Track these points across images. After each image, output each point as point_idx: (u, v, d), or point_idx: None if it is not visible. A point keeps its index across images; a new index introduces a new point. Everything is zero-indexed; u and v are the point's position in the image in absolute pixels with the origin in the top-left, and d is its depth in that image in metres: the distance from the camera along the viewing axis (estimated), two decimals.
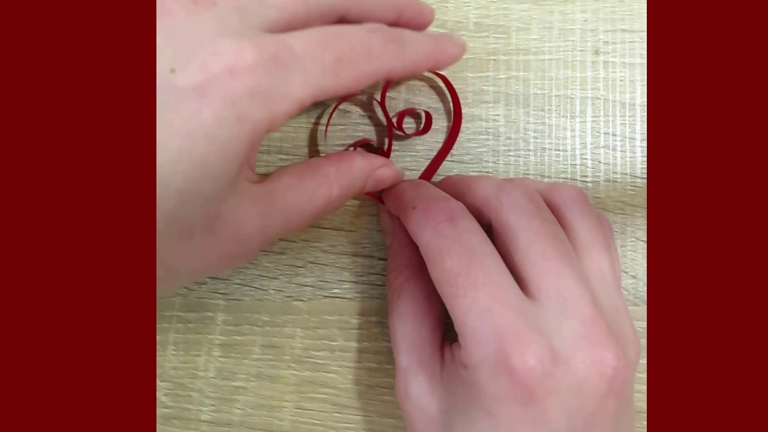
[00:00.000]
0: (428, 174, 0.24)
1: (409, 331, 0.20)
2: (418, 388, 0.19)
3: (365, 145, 0.25)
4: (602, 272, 0.20)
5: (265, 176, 0.19)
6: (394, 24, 0.20)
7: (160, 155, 0.15)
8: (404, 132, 0.24)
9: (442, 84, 0.25)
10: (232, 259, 0.18)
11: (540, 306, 0.18)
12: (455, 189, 0.21)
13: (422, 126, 0.25)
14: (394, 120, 0.24)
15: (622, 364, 0.18)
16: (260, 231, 0.18)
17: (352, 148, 0.24)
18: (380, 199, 0.24)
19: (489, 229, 0.20)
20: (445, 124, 0.25)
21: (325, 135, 0.24)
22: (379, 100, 0.24)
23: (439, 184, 0.23)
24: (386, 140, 0.24)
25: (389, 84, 0.24)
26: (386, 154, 0.24)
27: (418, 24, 0.21)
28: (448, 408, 0.19)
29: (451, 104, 0.25)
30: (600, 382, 0.17)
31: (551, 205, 0.21)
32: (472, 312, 0.17)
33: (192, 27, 0.16)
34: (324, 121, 0.25)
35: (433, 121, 0.25)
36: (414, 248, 0.21)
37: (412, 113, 0.25)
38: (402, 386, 0.20)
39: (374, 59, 0.18)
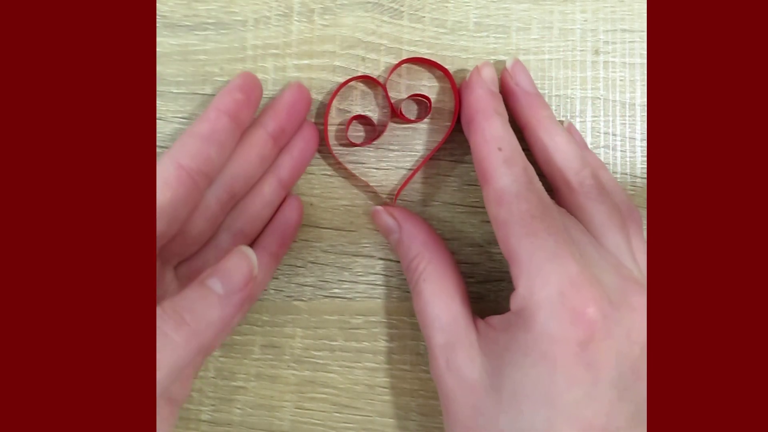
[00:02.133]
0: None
1: (440, 309, 0.21)
2: (460, 360, 0.20)
3: (362, 119, 0.25)
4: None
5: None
6: None
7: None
8: (406, 118, 0.25)
9: (438, 83, 0.25)
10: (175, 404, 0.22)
11: (601, 252, 0.20)
12: (535, 137, 0.23)
13: (425, 112, 0.25)
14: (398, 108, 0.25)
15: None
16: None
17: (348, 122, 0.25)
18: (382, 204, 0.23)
19: None
20: (446, 123, 0.25)
21: (326, 133, 0.25)
22: (382, 83, 0.24)
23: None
24: (387, 121, 0.24)
25: (395, 68, 0.25)
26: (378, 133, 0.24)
27: None
28: (493, 369, 0.19)
29: (454, 101, 0.25)
30: (643, 327, 0.19)
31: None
32: (541, 252, 0.19)
33: None
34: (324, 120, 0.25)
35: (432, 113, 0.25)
36: (426, 233, 0.23)
37: (414, 99, 0.25)
38: (442, 362, 0.20)
39: None
